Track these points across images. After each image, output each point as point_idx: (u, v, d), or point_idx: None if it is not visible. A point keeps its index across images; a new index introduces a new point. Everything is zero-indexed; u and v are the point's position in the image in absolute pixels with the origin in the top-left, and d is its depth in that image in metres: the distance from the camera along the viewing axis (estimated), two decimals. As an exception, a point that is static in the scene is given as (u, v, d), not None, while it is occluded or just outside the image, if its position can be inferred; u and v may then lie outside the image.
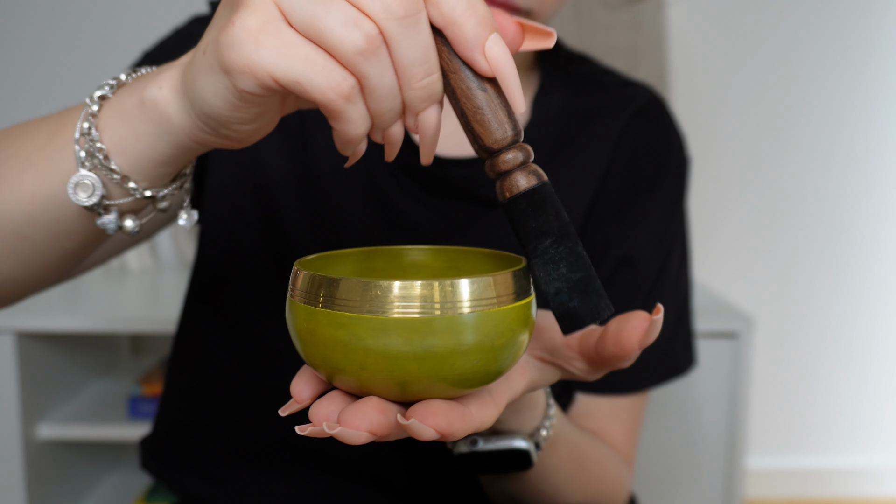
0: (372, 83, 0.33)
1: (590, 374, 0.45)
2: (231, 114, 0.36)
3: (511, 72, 0.35)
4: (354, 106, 0.34)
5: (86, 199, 0.41)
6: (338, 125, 0.34)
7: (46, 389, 1.38)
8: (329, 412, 0.35)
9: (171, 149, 0.40)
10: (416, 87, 0.34)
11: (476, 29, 0.34)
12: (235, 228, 0.67)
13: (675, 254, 0.72)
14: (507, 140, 0.36)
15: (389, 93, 0.34)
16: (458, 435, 0.35)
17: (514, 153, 0.36)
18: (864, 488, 1.96)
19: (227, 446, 0.69)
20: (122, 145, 0.40)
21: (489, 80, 0.35)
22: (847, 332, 1.93)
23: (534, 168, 0.37)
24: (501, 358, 0.36)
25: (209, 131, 0.38)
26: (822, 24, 1.81)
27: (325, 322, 0.34)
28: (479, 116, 0.36)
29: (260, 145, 0.67)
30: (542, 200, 0.36)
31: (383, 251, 0.45)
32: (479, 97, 0.35)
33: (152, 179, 0.42)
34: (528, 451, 0.51)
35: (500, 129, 0.36)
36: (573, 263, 0.36)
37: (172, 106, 0.39)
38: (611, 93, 0.72)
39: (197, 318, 0.71)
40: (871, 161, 1.87)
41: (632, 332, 0.40)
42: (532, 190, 0.36)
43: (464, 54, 0.34)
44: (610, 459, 0.65)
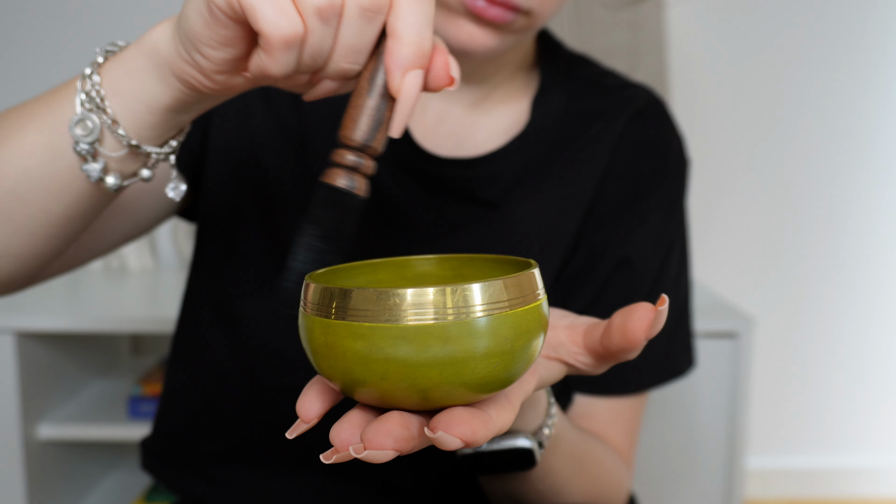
0: (312, 39, 0.38)
1: (595, 369, 0.45)
2: (203, 31, 0.39)
3: (409, 106, 0.39)
4: (289, 53, 0.38)
5: (82, 137, 0.44)
6: (265, 59, 0.38)
7: (46, 389, 1.39)
8: (350, 434, 0.35)
9: (157, 85, 0.43)
10: (340, 64, 0.39)
11: (410, 56, 0.38)
12: (234, 228, 0.67)
13: (674, 255, 0.72)
14: (356, 143, 0.39)
15: (319, 55, 0.39)
16: (482, 441, 0.35)
17: (353, 156, 0.39)
18: (864, 488, 1.96)
19: (226, 446, 0.69)
20: (116, 85, 0.44)
21: (389, 97, 0.39)
22: (847, 332, 1.93)
23: (358, 178, 0.40)
24: (519, 360, 0.36)
25: (186, 57, 0.41)
26: (823, 24, 1.81)
27: (343, 334, 0.34)
28: (354, 112, 0.39)
29: (259, 145, 0.67)
30: (337, 202, 0.39)
31: (387, 263, 0.45)
32: (367, 100, 0.39)
33: (140, 129, 0.45)
34: (531, 449, 0.51)
35: (360, 132, 0.39)
36: (313, 260, 0.40)
37: (163, 37, 0.43)
38: (611, 94, 0.72)
39: (195, 318, 0.71)
40: (871, 161, 1.87)
41: (637, 323, 0.41)
42: (338, 190, 0.39)
43: (387, 66, 0.38)
44: (609, 459, 0.65)
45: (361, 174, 0.40)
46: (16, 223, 0.49)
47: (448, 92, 0.69)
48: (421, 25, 0.38)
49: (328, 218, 0.39)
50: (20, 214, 0.48)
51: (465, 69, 0.68)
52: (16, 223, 0.49)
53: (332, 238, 0.40)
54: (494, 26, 0.60)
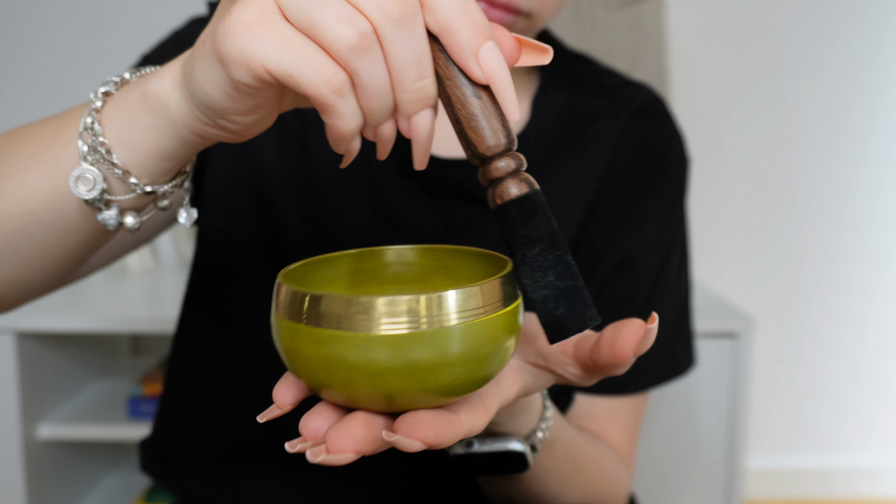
0: (363, 80, 0.34)
1: (584, 380, 0.44)
2: (228, 104, 0.37)
3: (505, 80, 0.35)
4: (345, 101, 0.34)
5: (86, 193, 0.42)
6: (329, 120, 0.35)
7: (46, 389, 1.39)
8: (318, 426, 0.36)
9: (172, 142, 0.41)
10: (409, 88, 0.35)
11: (471, 36, 0.34)
12: (234, 229, 0.67)
13: (675, 254, 0.72)
14: (499, 148, 0.36)
15: (381, 91, 0.34)
16: (448, 443, 0.35)
17: (507, 161, 0.36)
18: (864, 488, 1.96)
19: (226, 447, 0.69)
20: (124, 139, 0.41)
21: (484, 87, 0.36)
22: (847, 332, 1.93)
23: (525, 176, 0.37)
24: (487, 366, 0.35)
25: (208, 122, 0.39)
26: (822, 23, 1.81)
27: (307, 339, 0.34)
28: (473, 123, 0.36)
29: (259, 146, 0.67)
30: (532, 208, 0.36)
31: (370, 252, 0.44)
32: (474, 104, 0.35)
33: (153, 175, 0.42)
34: (523, 453, 0.50)
35: (494, 137, 0.36)
36: (561, 272, 0.36)
37: (173, 98, 0.39)
38: (611, 93, 0.72)
39: (195, 318, 0.71)
40: (871, 161, 1.87)
41: (626, 339, 0.40)
42: (523, 198, 0.36)
43: (458, 61, 0.35)
44: (608, 460, 0.65)
45: (524, 171, 0.37)
46: (25, 258, 0.47)
47: None
48: (462, 2, 0.34)
49: (535, 228, 0.36)
50: (29, 251, 0.47)
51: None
52: (25, 258, 0.47)
53: (555, 241, 0.36)
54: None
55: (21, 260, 0.47)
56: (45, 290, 0.53)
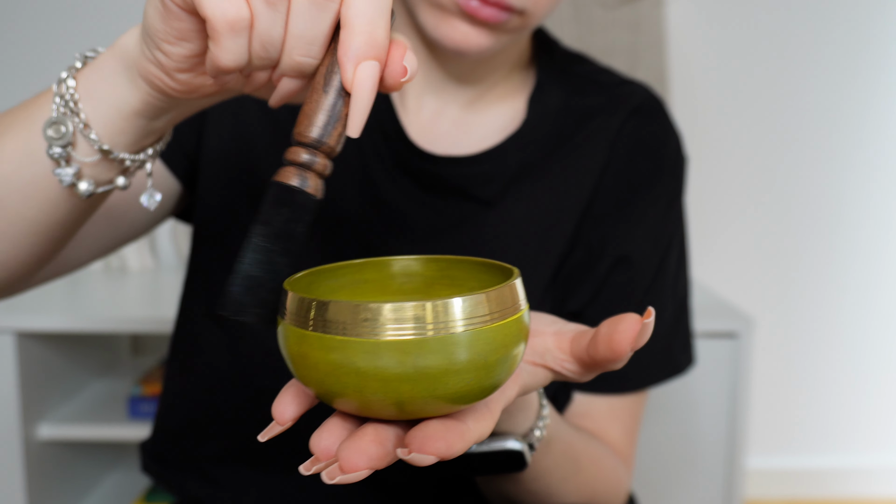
0: (260, 26, 0.37)
1: (581, 376, 0.45)
2: (160, 25, 0.39)
3: (365, 100, 0.37)
4: (236, 37, 0.37)
5: (54, 138, 0.44)
6: (213, 48, 0.37)
7: (46, 389, 1.39)
8: (329, 445, 0.36)
9: (128, 89, 0.43)
10: (293, 56, 0.38)
11: (362, 45, 0.36)
12: (229, 230, 0.67)
13: (673, 253, 0.72)
14: (307, 139, 0.37)
15: (270, 45, 0.38)
16: (458, 453, 0.35)
17: (308, 155, 0.38)
18: (864, 488, 1.96)
19: (225, 447, 0.69)
20: (90, 89, 0.44)
21: (346, 93, 0.37)
22: (847, 332, 1.93)
23: (312, 176, 0.38)
24: (496, 374, 0.35)
25: (149, 56, 0.41)
26: (822, 23, 1.81)
27: (316, 345, 0.34)
28: (306, 107, 0.38)
29: (254, 145, 0.67)
30: (286, 200, 0.37)
31: (374, 263, 0.44)
32: (322, 96, 0.37)
33: (112, 135, 0.45)
34: (521, 452, 0.50)
35: (311, 129, 0.37)
36: (264, 264, 0.37)
37: (132, 38, 0.43)
38: (608, 91, 0.72)
39: (192, 319, 0.71)
40: (870, 161, 1.87)
41: (623, 334, 0.40)
42: (286, 187, 0.37)
43: (339, 57, 0.37)
44: (607, 459, 0.65)
45: (315, 173, 0.38)
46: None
47: (444, 91, 0.69)
48: (374, 14, 0.36)
49: (278, 217, 0.37)
50: (1, 220, 0.48)
51: (460, 69, 0.68)
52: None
53: (282, 238, 0.38)
54: (488, 26, 0.60)
55: None
56: (24, 272, 0.53)
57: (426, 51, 0.67)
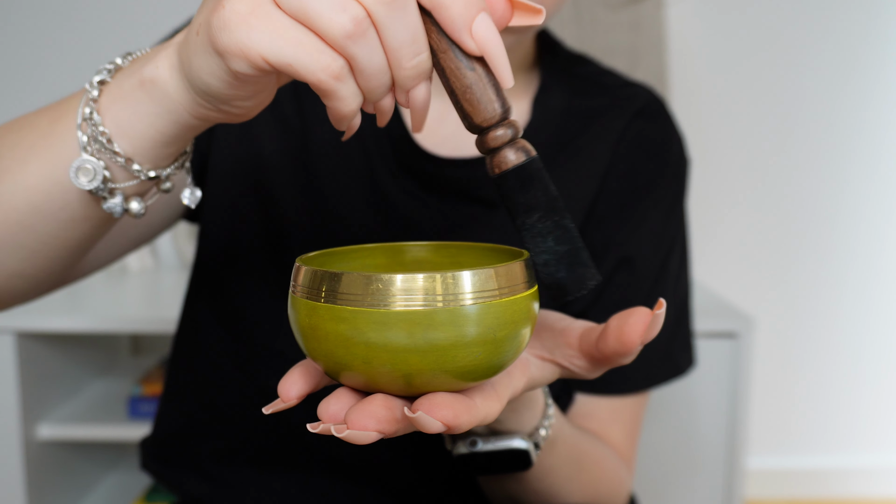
0: (361, 64, 0.35)
1: (590, 372, 0.45)
2: (229, 92, 0.37)
3: (499, 50, 0.35)
4: (345, 85, 0.35)
5: (87, 184, 0.42)
6: (330, 103, 0.36)
7: (46, 389, 1.39)
8: (337, 410, 0.36)
9: (172, 127, 0.41)
10: (406, 66, 0.35)
11: (463, 10, 0.35)
12: (235, 228, 0.68)
13: (674, 254, 0.72)
14: (495, 118, 0.37)
15: (379, 72, 0.35)
16: (465, 427, 0.35)
17: (503, 130, 0.37)
18: (864, 488, 1.96)
19: (227, 446, 0.69)
20: (124, 127, 0.41)
21: (478, 58, 0.36)
22: (847, 332, 1.93)
23: (522, 144, 0.37)
24: (504, 350, 0.36)
25: (209, 107, 0.39)
26: (822, 24, 1.81)
27: (326, 317, 0.34)
28: (468, 95, 0.36)
29: (261, 143, 0.67)
30: (529, 176, 0.37)
31: (384, 248, 0.45)
32: (468, 76, 0.36)
33: (156, 160, 0.43)
34: (527, 450, 0.51)
35: (490, 107, 0.36)
36: (560, 236, 0.37)
37: (171, 84, 0.40)
38: (611, 93, 0.72)
39: (196, 317, 0.71)
40: (870, 161, 1.87)
41: (633, 327, 0.41)
42: (520, 166, 0.37)
43: (452, 35, 0.35)
44: (609, 459, 0.65)
45: (520, 138, 0.37)
46: (28, 250, 0.47)
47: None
48: None
49: (535, 195, 0.37)
50: (33, 243, 0.47)
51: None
52: (28, 250, 0.47)
53: (553, 207, 0.37)
54: None
55: (24, 252, 0.47)
56: (48, 284, 0.53)
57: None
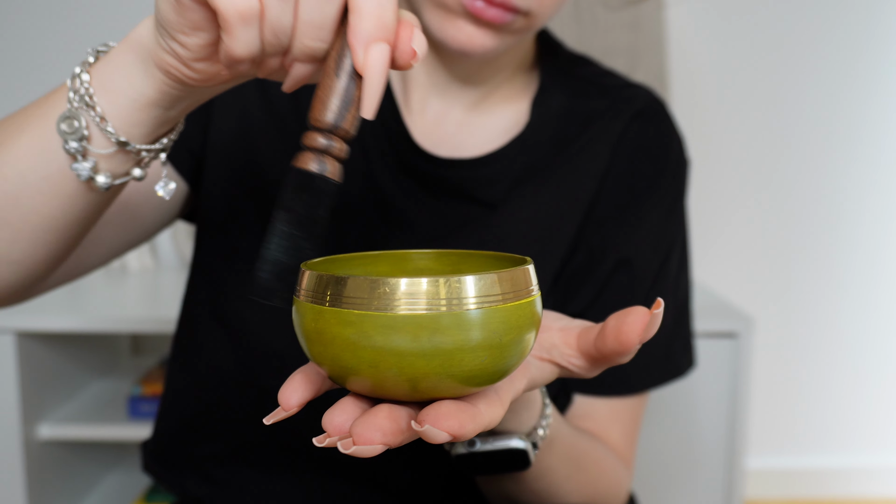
0: (270, 14, 0.38)
1: (588, 372, 0.45)
2: (174, 17, 0.39)
3: (377, 80, 0.37)
4: (248, 28, 0.38)
5: (67, 132, 0.44)
6: (227, 39, 0.38)
7: (46, 389, 1.39)
8: (342, 422, 0.36)
9: (145, 81, 0.43)
10: (304, 41, 0.38)
11: (371, 29, 0.37)
12: (232, 230, 0.68)
13: (674, 255, 0.72)
14: (322, 124, 0.38)
15: (281, 32, 0.38)
16: (470, 435, 0.35)
17: (323, 139, 0.38)
18: (864, 488, 1.96)
19: (227, 447, 0.69)
20: (104, 82, 0.44)
21: (357, 76, 0.38)
22: (847, 332, 1.93)
23: (329, 162, 0.39)
24: (509, 355, 0.36)
25: (164, 47, 0.41)
26: (823, 23, 1.81)
27: (332, 321, 0.34)
28: (319, 91, 0.38)
29: (258, 145, 0.67)
30: (307, 186, 0.38)
31: (387, 255, 0.45)
32: (332, 79, 0.38)
33: (129, 126, 0.45)
34: (525, 450, 0.51)
35: (325, 112, 0.38)
36: (288, 249, 0.38)
37: (146, 29, 0.43)
38: (611, 94, 0.72)
39: (195, 318, 0.71)
40: (870, 161, 1.87)
41: (631, 326, 0.41)
42: (305, 172, 0.38)
43: (350, 41, 0.37)
44: (608, 460, 0.65)
45: (333, 157, 0.39)
46: (13, 227, 0.49)
47: (448, 92, 0.69)
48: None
49: (300, 203, 0.38)
50: (17, 218, 0.48)
51: (465, 70, 0.68)
52: (13, 227, 0.49)
53: (305, 224, 0.38)
54: (493, 27, 0.60)
55: (10, 231, 0.49)
56: (38, 275, 0.53)
57: (431, 52, 0.67)
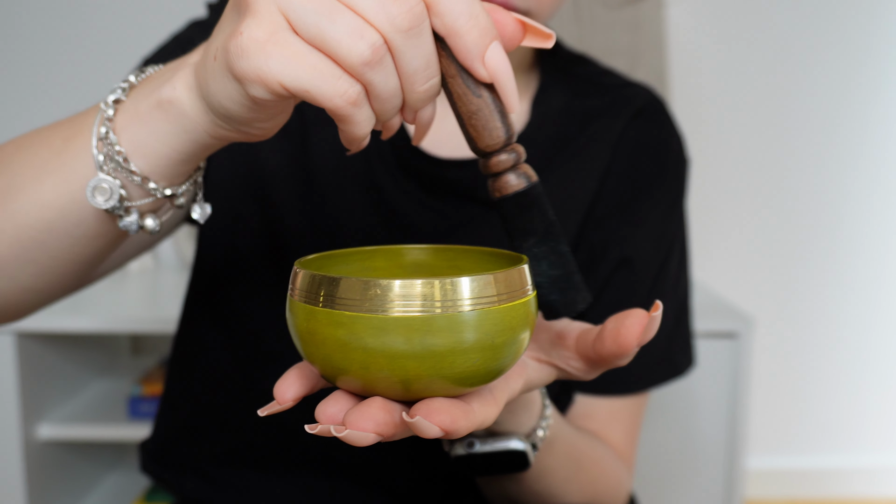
0: (377, 89, 0.35)
1: (587, 374, 0.45)
2: (249, 115, 0.38)
3: (508, 78, 0.36)
4: (361, 110, 0.35)
5: (103, 203, 0.42)
6: (345, 127, 0.36)
7: (46, 389, 1.39)
8: (335, 412, 0.36)
9: (190, 146, 0.41)
10: (418, 90, 0.36)
11: (477, 39, 0.35)
12: (234, 230, 0.67)
13: (674, 254, 0.72)
14: (499, 143, 0.37)
15: (393, 96, 0.36)
16: (462, 432, 0.35)
17: (506, 155, 0.38)
18: (864, 488, 1.96)
19: (227, 448, 0.69)
20: (141, 147, 0.42)
21: (486, 84, 0.37)
22: (847, 332, 1.93)
23: (524, 170, 0.38)
24: (502, 356, 0.36)
25: (228, 128, 0.40)
26: (822, 24, 1.81)
27: (324, 321, 0.34)
28: (474, 120, 0.37)
29: (260, 147, 0.67)
30: (529, 202, 0.38)
31: (384, 250, 0.45)
32: (475, 102, 0.37)
33: (171, 178, 0.43)
34: (524, 451, 0.51)
35: (494, 133, 0.37)
36: (555, 261, 0.38)
37: (189, 105, 0.40)
38: (611, 93, 0.72)
39: (196, 320, 0.71)
40: (870, 161, 1.87)
41: (630, 329, 0.41)
42: (520, 192, 0.38)
43: (464, 62, 0.36)
44: (608, 460, 0.65)
45: (524, 165, 0.39)
46: (40, 266, 0.48)
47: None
48: (466, 5, 0.35)
49: (534, 220, 0.38)
50: (45, 259, 0.47)
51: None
52: (40, 266, 0.48)
53: (549, 232, 0.39)
54: None
55: (36, 268, 0.47)
56: (59, 296, 0.53)
57: None
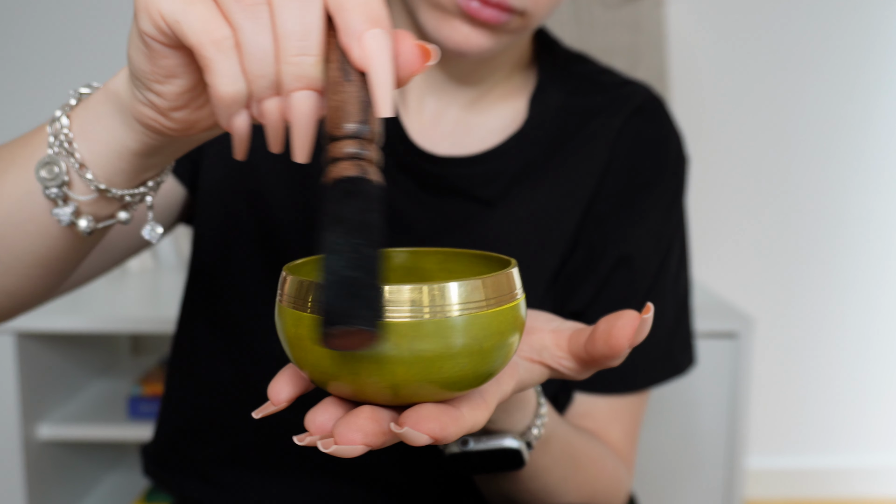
0: (245, 37, 0.34)
1: (579, 374, 0.45)
2: (146, 66, 0.37)
3: (383, 69, 0.34)
4: (225, 58, 0.34)
5: (47, 179, 0.43)
6: (209, 78, 0.35)
7: (46, 389, 1.39)
8: (324, 421, 0.36)
9: (123, 131, 0.42)
10: (290, 60, 0.34)
11: (360, 18, 0.34)
12: (229, 233, 0.67)
13: (674, 253, 0.72)
14: (345, 132, 0.35)
15: (262, 55, 0.34)
16: (452, 438, 0.35)
17: (349, 145, 0.35)
18: (864, 488, 1.96)
19: (227, 450, 0.69)
20: (84, 129, 0.43)
21: (360, 73, 0.35)
22: (847, 332, 1.93)
23: (363, 165, 0.35)
24: (491, 360, 0.36)
25: (140, 98, 0.39)
26: (822, 23, 1.81)
27: (312, 328, 0.34)
28: (334, 102, 0.35)
29: (253, 148, 0.67)
30: (351, 191, 0.34)
31: None
32: (343, 85, 0.35)
33: (109, 174, 0.44)
34: (518, 450, 0.50)
35: (344, 120, 0.34)
36: (354, 261, 0.33)
37: (122, 81, 0.41)
38: (609, 91, 0.72)
39: (193, 322, 0.71)
40: (870, 161, 1.87)
41: (622, 330, 0.41)
42: (346, 179, 0.34)
43: (341, 40, 0.34)
44: (607, 459, 0.65)
45: (368, 162, 0.35)
46: (3, 263, 0.49)
47: (445, 91, 0.69)
48: None
49: (349, 210, 0.34)
50: (6, 255, 0.48)
51: (462, 70, 0.68)
52: (3, 263, 0.49)
53: (362, 230, 0.33)
54: (489, 27, 0.60)
55: (1, 267, 0.49)
56: (34, 300, 0.54)
57: None
